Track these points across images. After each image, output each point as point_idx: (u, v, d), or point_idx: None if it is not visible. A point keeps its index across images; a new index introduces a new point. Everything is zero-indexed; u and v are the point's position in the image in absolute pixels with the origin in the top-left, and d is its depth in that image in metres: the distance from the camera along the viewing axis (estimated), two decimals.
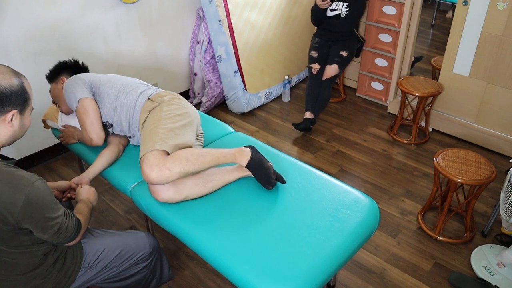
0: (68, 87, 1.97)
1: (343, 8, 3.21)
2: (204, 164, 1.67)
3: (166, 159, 1.61)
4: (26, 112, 1.34)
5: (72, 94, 1.95)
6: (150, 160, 1.60)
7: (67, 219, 1.36)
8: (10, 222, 1.22)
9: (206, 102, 3.44)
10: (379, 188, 2.65)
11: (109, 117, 2.00)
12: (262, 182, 1.75)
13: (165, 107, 1.83)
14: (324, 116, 3.45)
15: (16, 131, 1.33)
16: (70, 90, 1.96)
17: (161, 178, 1.59)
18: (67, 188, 1.78)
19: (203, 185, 1.73)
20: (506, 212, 1.91)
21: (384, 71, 3.50)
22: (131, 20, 2.98)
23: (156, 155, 1.61)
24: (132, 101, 1.94)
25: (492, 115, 2.90)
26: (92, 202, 1.66)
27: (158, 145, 1.64)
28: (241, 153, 1.75)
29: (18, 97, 1.28)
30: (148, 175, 1.59)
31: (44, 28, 2.57)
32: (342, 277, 2.06)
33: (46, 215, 1.27)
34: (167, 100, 1.88)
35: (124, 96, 1.96)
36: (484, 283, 1.96)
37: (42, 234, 1.30)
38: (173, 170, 1.59)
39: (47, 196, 1.27)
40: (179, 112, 1.84)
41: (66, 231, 1.35)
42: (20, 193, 1.20)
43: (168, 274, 1.84)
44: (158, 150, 1.63)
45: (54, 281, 1.43)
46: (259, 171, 1.74)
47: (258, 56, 3.46)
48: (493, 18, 2.65)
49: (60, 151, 2.99)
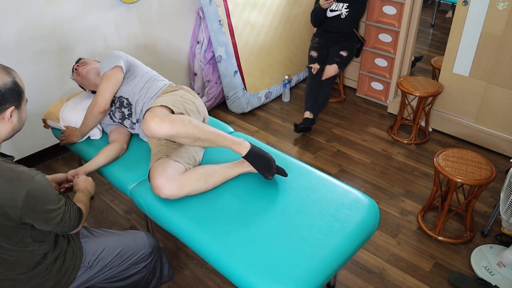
0: (112, 54, 2.09)
1: (343, 9, 3.21)
2: (205, 132, 1.68)
3: (171, 115, 1.65)
4: (22, 105, 1.36)
5: (113, 59, 2.06)
6: (156, 110, 1.64)
7: (68, 208, 1.38)
8: (13, 218, 1.23)
9: (206, 102, 3.44)
10: (379, 188, 2.65)
11: (131, 95, 2.08)
12: (262, 170, 1.77)
13: (183, 91, 2.00)
14: (324, 116, 3.45)
15: (16, 125, 1.35)
16: (112, 56, 2.08)
17: (158, 129, 1.58)
18: (64, 180, 1.81)
19: (204, 180, 1.75)
20: (506, 212, 1.91)
21: (384, 71, 3.50)
22: (131, 20, 2.98)
23: (163, 109, 1.68)
24: (157, 88, 2.07)
25: (492, 115, 2.90)
26: (90, 191, 1.69)
27: (167, 104, 1.73)
28: (241, 144, 1.77)
29: (13, 93, 1.29)
30: (147, 123, 1.59)
31: (44, 28, 2.57)
32: (342, 277, 2.06)
33: (48, 207, 1.29)
34: (186, 88, 2.07)
35: (153, 82, 2.09)
36: (484, 283, 1.96)
37: (45, 225, 1.32)
38: (174, 124, 1.60)
39: (48, 189, 1.29)
40: (193, 100, 1.97)
41: (69, 220, 1.38)
42: (21, 188, 1.21)
43: (168, 274, 1.84)
44: (166, 107, 1.71)
45: (54, 280, 1.43)
46: (258, 161, 1.77)
47: (258, 56, 3.46)
48: (493, 18, 2.65)
49: (60, 151, 2.99)
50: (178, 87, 2.06)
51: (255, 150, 1.79)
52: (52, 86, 2.73)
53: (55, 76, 2.72)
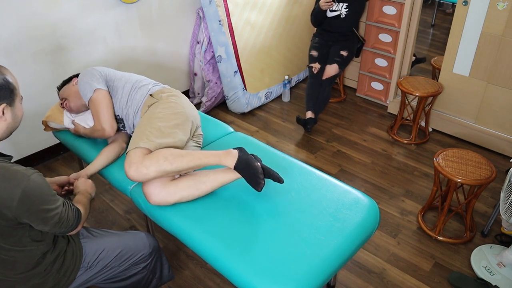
0: (84, 77, 1.99)
1: (342, 9, 3.21)
2: (182, 164, 1.64)
3: (145, 157, 1.63)
4: (16, 102, 1.34)
5: (88, 84, 1.97)
6: (131, 157, 1.64)
7: (66, 209, 1.37)
8: (9, 217, 1.23)
9: (206, 102, 3.44)
10: (379, 188, 2.65)
11: (121, 111, 2.02)
12: (251, 184, 1.68)
13: (161, 105, 1.85)
14: (324, 116, 3.45)
15: (10, 123, 1.33)
16: (86, 80, 1.98)
17: (139, 176, 1.61)
18: (65, 183, 1.81)
19: (195, 187, 1.71)
20: (506, 212, 1.91)
21: (384, 71, 3.50)
22: (131, 20, 2.98)
23: (138, 153, 1.64)
24: (141, 96, 1.97)
25: (492, 115, 2.90)
26: (90, 193, 1.69)
27: (142, 143, 1.67)
28: (227, 155, 1.69)
29: (3, 91, 1.28)
30: (127, 172, 1.62)
31: (44, 28, 2.57)
32: (342, 277, 2.06)
33: (45, 207, 1.28)
34: (165, 97, 1.90)
35: (136, 91, 1.99)
36: (484, 283, 1.96)
37: (43, 226, 1.31)
38: (150, 168, 1.60)
39: (44, 189, 1.28)
40: (173, 111, 1.84)
41: (67, 221, 1.37)
42: (17, 187, 1.20)
43: (168, 275, 1.84)
44: (141, 148, 1.66)
45: (53, 281, 1.43)
46: (246, 173, 1.67)
47: (258, 56, 3.46)
48: (493, 18, 2.65)
49: (60, 151, 2.99)
50: (156, 97, 1.92)
51: (242, 159, 1.68)
52: (52, 86, 2.73)
53: (55, 76, 2.72)
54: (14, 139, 2.60)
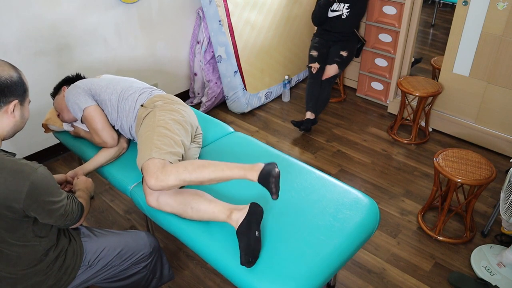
0: (70, 97, 1.98)
1: (344, 9, 3.21)
2: (203, 174, 1.59)
3: (165, 165, 1.60)
4: (25, 103, 1.39)
5: (75, 104, 1.95)
6: (149, 168, 1.60)
7: (70, 202, 1.42)
8: (16, 209, 1.26)
9: (206, 102, 3.44)
10: (379, 188, 2.65)
11: (114, 123, 2.02)
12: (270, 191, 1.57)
13: (158, 112, 1.82)
14: (324, 116, 3.45)
15: (18, 121, 1.37)
16: (73, 101, 1.96)
17: (159, 186, 1.58)
18: (63, 181, 1.84)
19: (183, 209, 1.65)
20: (506, 212, 1.91)
21: (384, 71, 3.50)
22: (131, 20, 2.98)
23: (155, 163, 1.60)
24: (130, 106, 1.94)
25: (492, 115, 2.90)
26: (90, 191, 1.72)
27: (154, 153, 1.64)
28: (252, 169, 1.58)
29: (18, 87, 1.33)
30: (148, 182, 1.59)
31: (44, 28, 2.57)
32: (342, 277, 2.06)
33: (51, 199, 1.32)
34: (160, 105, 1.87)
35: (124, 102, 1.96)
36: (484, 283, 1.96)
37: (48, 218, 1.34)
38: (170, 176, 1.57)
39: (50, 182, 1.32)
40: (172, 117, 1.82)
41: (72, 213, 1.42)
42: (25, 180, 1.24)
43: (168, 274, 1.84)
44: (155, 158, 1.63)
45: (54, 279, 1.44)
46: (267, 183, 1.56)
47: (258, 56, 3.46)
48: (493, 18, 2.65)
49: (60, 151, 2.99)
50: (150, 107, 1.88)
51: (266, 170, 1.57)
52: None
53: (55, 76, 2.72)
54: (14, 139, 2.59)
